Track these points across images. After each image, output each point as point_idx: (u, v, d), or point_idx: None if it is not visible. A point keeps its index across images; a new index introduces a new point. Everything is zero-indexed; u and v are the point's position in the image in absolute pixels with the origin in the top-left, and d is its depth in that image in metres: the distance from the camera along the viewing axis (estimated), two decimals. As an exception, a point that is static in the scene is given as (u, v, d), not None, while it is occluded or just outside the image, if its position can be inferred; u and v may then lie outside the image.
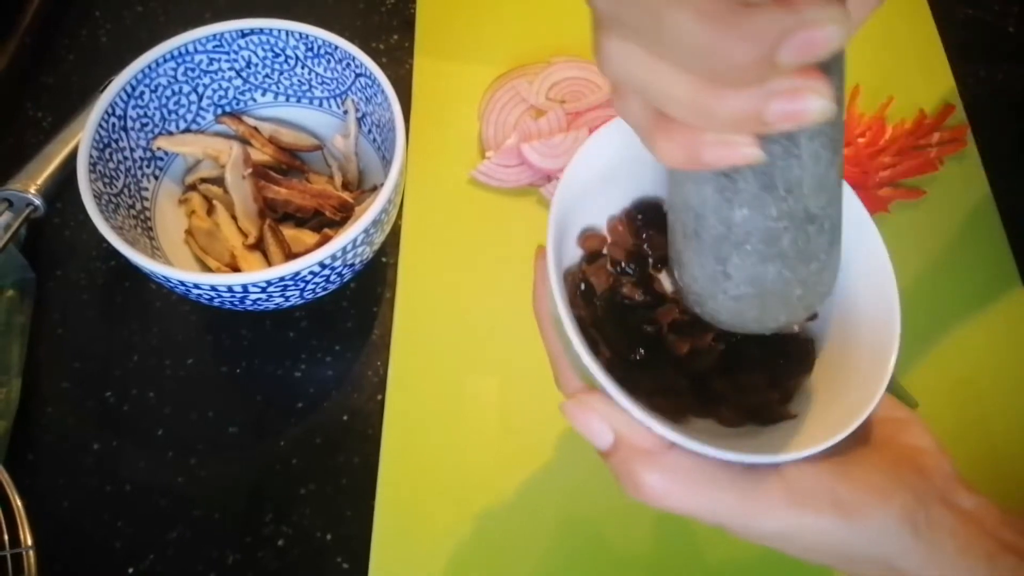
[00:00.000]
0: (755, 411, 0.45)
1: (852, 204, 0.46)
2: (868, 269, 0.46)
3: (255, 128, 0.72)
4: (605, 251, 0.49)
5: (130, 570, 0.61)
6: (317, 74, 0.70)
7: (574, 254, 0.49)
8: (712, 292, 0.42)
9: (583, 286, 0.48)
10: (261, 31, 0.68)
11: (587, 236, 0.49)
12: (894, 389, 0.66)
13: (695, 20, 0.26)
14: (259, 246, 0.67)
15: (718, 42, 0.26)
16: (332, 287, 0.64)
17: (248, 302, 0.61)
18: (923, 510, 0.41)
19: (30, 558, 0.59)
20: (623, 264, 0.49)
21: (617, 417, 0.41)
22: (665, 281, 0.49)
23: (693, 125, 0.31)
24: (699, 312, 0.44)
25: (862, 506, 0.40)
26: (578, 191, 0.46)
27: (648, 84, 0.30)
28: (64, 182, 0.72)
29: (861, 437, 0.43)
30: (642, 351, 0.47)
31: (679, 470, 0.40)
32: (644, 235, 0.49)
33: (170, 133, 0.70)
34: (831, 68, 0.32)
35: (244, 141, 0.71)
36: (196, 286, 0.58)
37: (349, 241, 0.59)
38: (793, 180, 0.37)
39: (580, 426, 0.42)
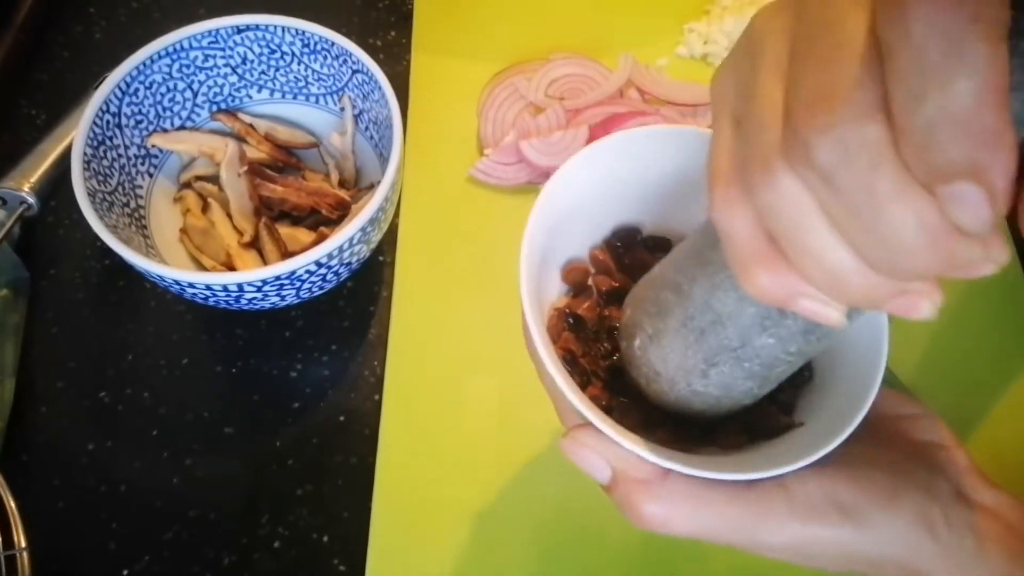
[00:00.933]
0: (755, 427, 0.46)
1: None
2: None
3: (251, 125, 0.72)
4: (590, 282, 0.50)
5: (125, 571, 0.61)
6: (313, 71, 0.70)
7: (559, 288, 0.50)
8: (675, 379, 0.43)
9: (571, 320, 0.48)
10: (257, 27, 0.68)
11: (570, 269, 0.49)
12: (895, 388, 0.66)
13: (915, 224, 0.26)
14: (255, 245, 0.67)
15: (920, 250, 0.26)
16: (328, 286, 0.64)
17: (244, 301, 0.61)
18: (938, 508, 0.41)
19: (24, 560, 0.59)
20: (607, 295, 0.49)
21: (612, 451, 0.41)
22: None
23: (810, 280, 0.30)
24: (641, 384, 0.45)
25: (868, 509, 0.40)
26: (553, 224, 0.46)
27: (802, 236, 0.29)
28: (58, 180, 0.72)
29: (868, 436, 0.42)
30: (628, 388, 0.47)
31: (678, 495, 0.40)
32: (626, 262, 0.50)
33: (165, 130, 0.70)
34: None
35: (240, 138, 0.71)
36: (191, 285, 0.58)
37: (346, 240, 0.59)
38: (830, 334, 0.38)
39: (577, 462, 0.43)
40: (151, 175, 0.70)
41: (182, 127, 0.71)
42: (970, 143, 0.24)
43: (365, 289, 0.72)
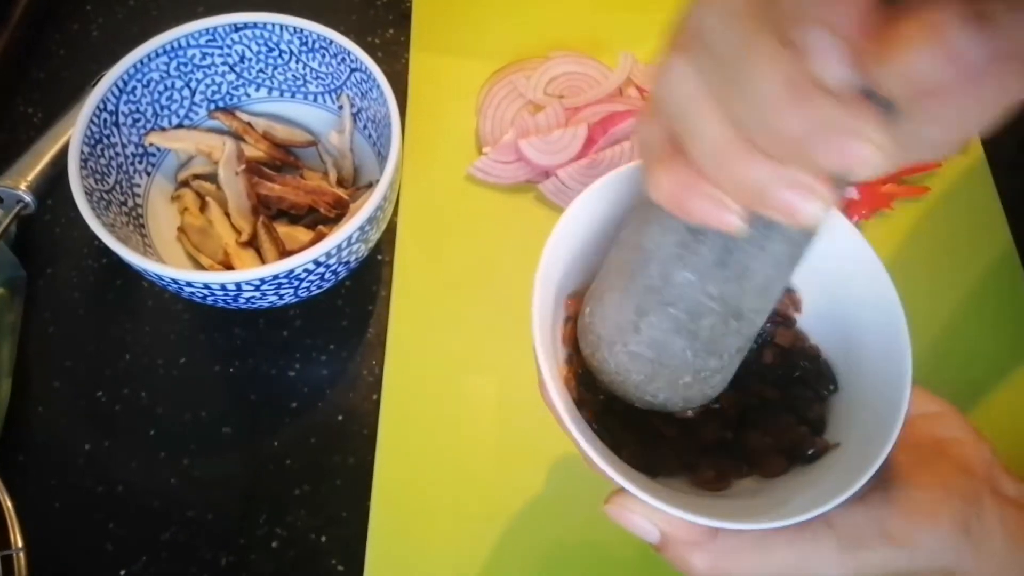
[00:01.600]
0: (792, 451, 0.45)
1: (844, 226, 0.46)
2: (871, 293, 0.45)
3: (249, 124, 0.72)
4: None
5: (122, 572, 0.61)
6: (312, 69, 0.71)
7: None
8: (612, 339, 0.42)
9: (581, 371, 0.47)
10: (255, 25, 0.68)
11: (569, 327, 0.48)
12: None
13: (775, 77, 0.27)
14: (253, 243, 0.67)
15: (782, 106, 0.27)
16: (327, 285, 0.64)
17: (242, 300, 0.61)
18: (974, 510, 0.42)
19: (20, 560, 0.59)
20: None
21: (656, 513, 0.41)
22: None
23: (700, 170, 0.32)
24: (586, 355, 0.45)
25: (914, 533, 0.41)
26: (568, 260, 0.46)
27: (688, 113, 0.31)
28: (55, 178, 0.72)
29: (897, 443, 0.43)
30: (659, 432, 0.47)
31: (732, 549, 0.41)
32: None
33: (162, 129, 0.70)
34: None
35: (237, 137, 0.71)
36: (189, 284, 0.59)
37: (344, 238, 0.59)
38: (746, 269, 0.38)
39: (626, 526, 0.43)
40: (149, 174, 0.70)
41: (180, 125, 0.71)
42: None
43: (363, 288, 0.72)
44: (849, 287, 0.46)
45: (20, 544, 0.59)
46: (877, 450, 0.40)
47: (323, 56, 0.69)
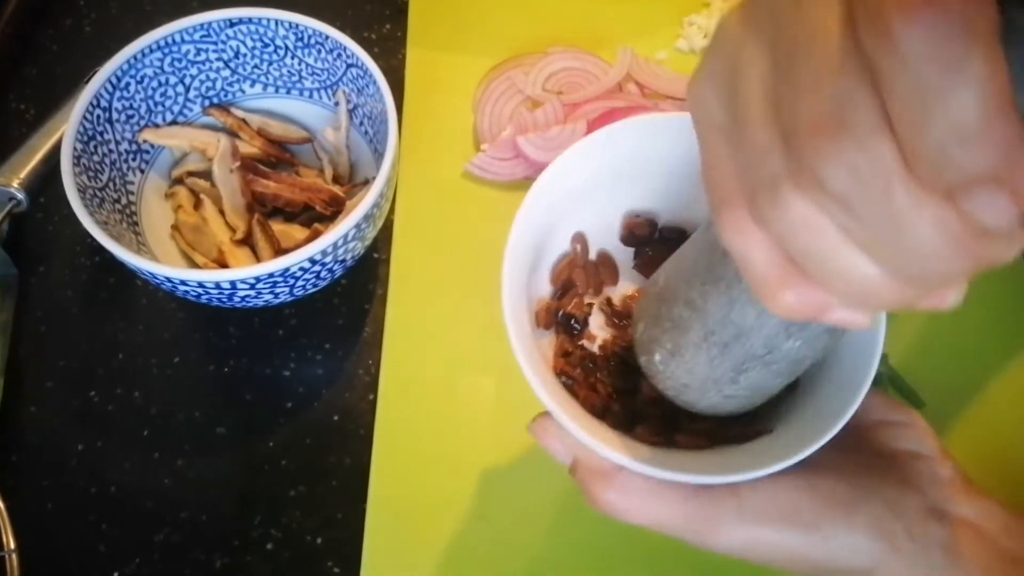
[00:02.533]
0: (717, 434, 0.47)
1: None
2: None
3: (243, 120, 0.72)
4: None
5: (115, 574, 0.61)
6: (307, 64, 0.71)
7: (545, 290, 0.52)
8: (706, 388, 0.44)
9: (561, 315, 0.51)
10: (250, 20, 0.68)
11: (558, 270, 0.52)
12: (900, 389, 0.66)
13: (938, 234, 0.26)
14: (247, 241, 0.67)
15: (948, 257, 0.26)
16: (322, 283, 0.64)
17: (236, 299, 0.61)
18: (899, 522, 0.42)
19: (13, 561, 0.59)
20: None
21: (570, 439, 0.45)
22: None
23: (840, 296, 0.31)
24: (669, 396, 0.47)
25: (822, 520, 0.42)
26: (546, 220, 0.49)
27: (823, 257, 0.29)
28: (47, 176, 0.72)
29: (845, 444, 0.43)
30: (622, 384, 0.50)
31: (632, 488, 0.43)
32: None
33: (156, 125, 0.70)
34: None
35: (232, 133, 0.71)
36: (183, 282, 0.59)
37: (340, 236, 0.59)
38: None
39: (542, 444, 0.47)
40: (142, 171, 0.70)
41: (174, 122, 0.71)
42: (985, 155, 0.24)
43: (360, 287, 0.72)
44: None
45: (12, 546, 0.59)
46: (811, 440, 0.42)
47: (319, 52, 0.69)
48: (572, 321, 0.52)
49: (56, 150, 0.66)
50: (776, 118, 0.28)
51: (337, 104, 0.71)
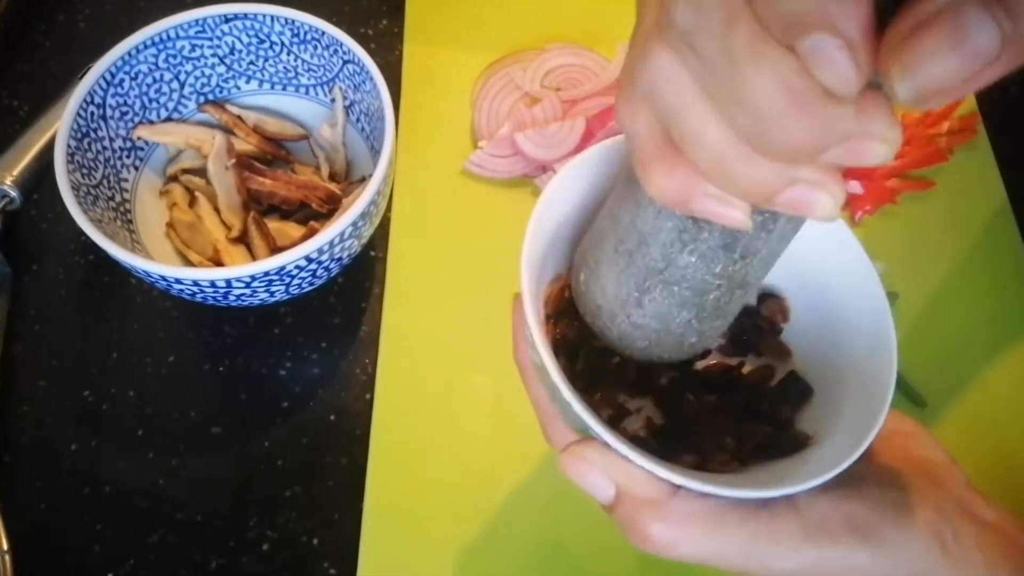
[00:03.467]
0: (759, 448, 0.46)
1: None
2: (852, 280, 0.46)
3: (239, 117, 0.72)
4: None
5: (110, 575, 0.61)
6: (303, 61, 0.71)
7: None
8: (614, 311, 0.43)
9: (559, 335, 0.48)
10: (245, 16, 0.68)
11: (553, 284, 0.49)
12: (903, 388, 0.66)
13: (775, 84, 0.26)
14: (243, 239, 0.67)
15: (787, 116, 0.26)
16: (319, 282, 0.64)
17: (232, 297, 0.61)
18: (947, 524, 0.41)
19: (6, 563, 0.59)
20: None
21: (616, 467, 0.40)
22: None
23: (701, 170, 0.30)
24: (588, 320, 0.45)
25: (882, 527, 0.40)
26: (550, 232, 0.46)
27: (681, 114, 0.29)
28: (41, 173, 0.72)
29: (871, 453, 0.42)
30: (631, 397, 0.48)
31: (686, 516, 0.40)
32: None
33: (151, 122, 0.70)
34: None
35: (227, 130, 0.71)
36: (178, 281, 0.59)
37: (336, 234, 0.59)
38: (752, 249, 0.38)
39: (578, 480, 0.42)
40: (137, 168, 0.70)
41: (168, 119, 0.71)
42: None
43: (356, 285, 0.72)
44: (836, 285, 0.47)
45: (5, 547, 0.59)
46: (856, 442, 0.40)
47: (315, 48, 0.69)
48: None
49: (50, 147, 0.66)
50: None
51: (333, 101, 0.71)
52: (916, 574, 0.41)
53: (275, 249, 0.66)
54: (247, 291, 0.60)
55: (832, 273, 0.47)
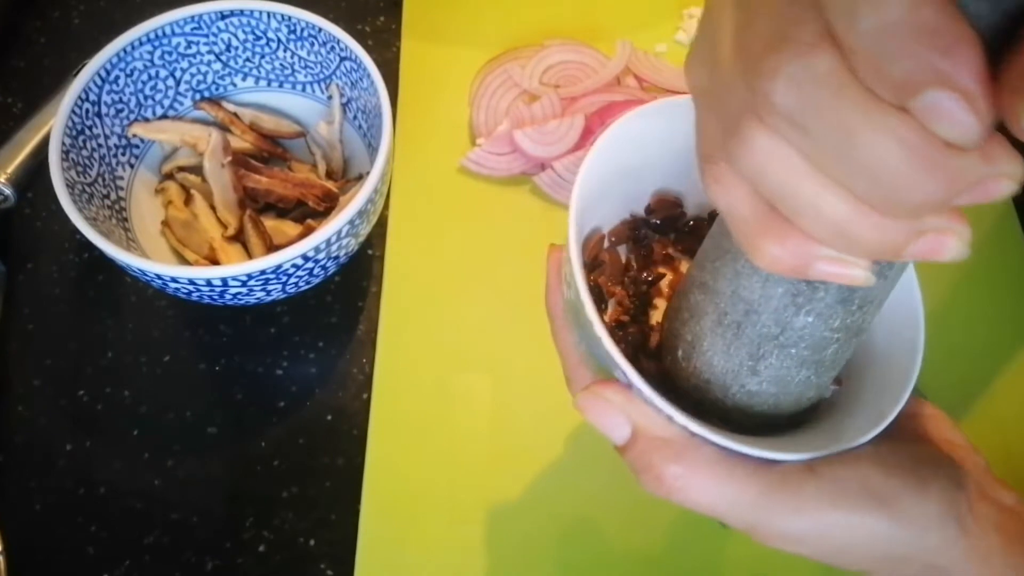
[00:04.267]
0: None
1: None
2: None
3: (235, 114, 0.72)
4: (604, 257, 0.50)
5: (104, 576, 0.61)
6: (300, 58, 0.71)
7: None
8: (727, 384, 0.42)
9: (592, 282, 0.48)
10: (241, 12, 0.68)
11: (590, 243, 0.49)
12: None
13: (897, 148, 0.26)
14: (239, 238, 0.67)
15: (913, 176, 0.26)
16: (315, 281, 0.64)
17: (228, 296, 0.61)
18: (964, 499, 0.40)
19: (0, 564, 0.59)
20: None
21: (635, 408, 0.40)
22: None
23: (820, 239, 0.30)
24: (695, 399, 0.44)
25: (900, 494, 0.39)
26: (595, 187, 0.45)
27: (795, 192, 0.29)
28: (35, 171, 0.72)
29: (889, 432, 0.42)
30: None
31: (702, 461, 0.39)
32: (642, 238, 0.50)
33: (146, 119, 0.70)
34: None
35: (223, 128, 0.71)
36: (173, 280, 0.59)
37: (333, 232, 0.59)
38: (870, 298, 0.38)
39: (595, 418, 0.41)
40: (132, 166, 0.70)
41: (164, 116, 0.71)
42: (922, 48, 0.24)
43: (353, 284, 0.72)
44: None
45: (0, 547, 0.59)
46: (879, 417, 0.40)
47: (312, 44, 0.69)
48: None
49: (44, 145, 0.66)
50: (739, 55, 0.29)
51: (330, 98, 0.72)
52: (933, 546, 0.40)
53: (271, 247, 0.66)
54: (243, 290, 0.60)
55: None
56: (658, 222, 0.50)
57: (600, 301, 0.48)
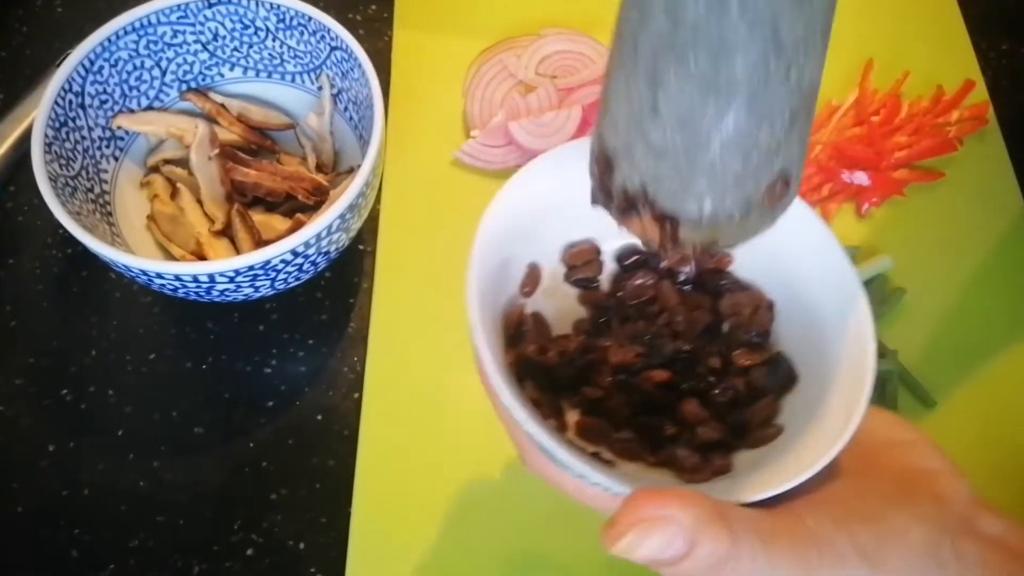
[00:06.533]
0: (735, 431, 0.46)
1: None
2: (826, 271, 0.46)
3: (222, 105, 0.72)
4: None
5: (89, 580, 0.62)
6: (289, 47, 0.71)
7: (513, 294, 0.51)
8: (631, 142, 0.36)
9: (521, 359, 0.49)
10: (229, 1, 0.68)
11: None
12: (911, 388, 0.66)
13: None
14: (227, 232, 0.67)
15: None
16: (305, 277, 0.64)
17: (215, 293, 0.61)
18: (947, 542, 0.41)
19: (-19, 567, 0.59)
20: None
21: (671, 510, 0.39)
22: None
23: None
24: (613, 191, 0.39)
25: (884, 549, 0.40)
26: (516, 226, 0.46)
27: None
28: (17, 164, 0.73)
29: (865, 465, 0.42)
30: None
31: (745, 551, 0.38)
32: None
33: (131, 111, 0.70)
34: None
35: (210, 119, 0.72)
36: (159, 275, 0.59)
37: (324, 227, 0.59)
38: None
39: (645, 551, 0.41)
40: (116, 158, 0.70)
41: (149, 107, 0.71)
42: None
43: (344, 280, 0.72)
44: (814, 280, 0.46)
45: (-20, 551, 0.60)
46: (837, 435, 0.40)
47: (301, 34, 0.69)
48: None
49: (26, 137, 0.66)
50: None
51: (320, 89, 0.72)
52: None
53: (260, 242, 0.66)
54: (231, 286, 0.60)
55: (808, 265, 0.46)
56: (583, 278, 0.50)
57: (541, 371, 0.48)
